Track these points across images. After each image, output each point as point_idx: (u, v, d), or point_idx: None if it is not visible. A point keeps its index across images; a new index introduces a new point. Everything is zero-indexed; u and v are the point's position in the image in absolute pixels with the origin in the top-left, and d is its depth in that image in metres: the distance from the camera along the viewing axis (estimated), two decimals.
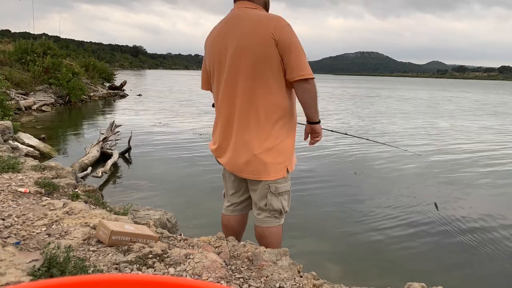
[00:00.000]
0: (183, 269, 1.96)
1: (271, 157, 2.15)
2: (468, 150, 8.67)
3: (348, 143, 8.92)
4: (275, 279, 2.00)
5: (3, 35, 46.55)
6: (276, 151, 2.16)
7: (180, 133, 9.48)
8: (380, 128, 11.85)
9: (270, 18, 2.05)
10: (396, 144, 8.00)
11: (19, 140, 6.20)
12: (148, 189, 4.89)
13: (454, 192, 5.60)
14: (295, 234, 3.96)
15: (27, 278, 1.62)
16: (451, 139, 10.23)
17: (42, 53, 15.61)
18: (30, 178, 3.10)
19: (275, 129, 2.15)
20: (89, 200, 2.93)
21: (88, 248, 2.04)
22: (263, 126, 2.13)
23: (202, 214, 4.43)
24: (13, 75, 13.00)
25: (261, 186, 2.22)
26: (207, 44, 2.26)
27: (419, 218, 4.54)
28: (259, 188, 2.23)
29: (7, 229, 2.13)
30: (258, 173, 2.17)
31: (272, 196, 2.22)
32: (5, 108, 8.03)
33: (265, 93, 2.08)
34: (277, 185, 2.21)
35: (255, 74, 2.05)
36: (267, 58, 2.02)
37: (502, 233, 4.22)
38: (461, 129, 12.18)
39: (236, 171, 2.27)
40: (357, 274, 3.23)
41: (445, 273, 3.32)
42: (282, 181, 2.23)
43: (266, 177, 2.18)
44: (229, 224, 2.50)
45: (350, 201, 5.06)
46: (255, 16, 2.05)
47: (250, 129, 2.14)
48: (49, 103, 12.91)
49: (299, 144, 2.85)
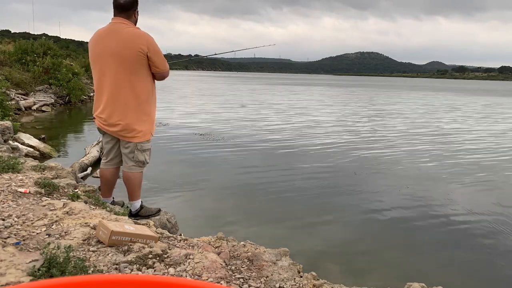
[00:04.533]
0: (183, 269, 1.96)
1: (139, 126, 3.11)
2: (470, 150, 8.68)
3: (348, 144, 8.92)
4: (275, 279, 2.00)
5: (3, 35, 46.54)
6: (141, 122, 3.12)
7: (180, 133, 9.47)
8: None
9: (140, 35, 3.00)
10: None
11: (19, 140, 6.20)
12: (148, 189, 4.89)
13: (454, 192, 5.61)
14: (295, 234, 3.96)
15: (27, 278, 1.61)
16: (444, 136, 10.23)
17: (42, 53, 15.60)
18: (30, 178, 3.10)
19: (142, 105, 3.10)
20: (89, 200, 2.93)
21: (88, 248, 2.04)
22: (135, 103, 3.05)
23: (202, 214, 4.43)
24: (13, 75, 12.99)
25: (132, 145, 3.18)
26: (90, 42, 3.14)
27: (419, 218, 4.54)
28: (131, 147, 3.19)
29: (7, 229, 2.12)
30: (133, 137, 3.13)
31: (138, 152, 3.20)
32: (5, 108, 8.03)
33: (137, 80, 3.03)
34: (143, 145, 3.20)
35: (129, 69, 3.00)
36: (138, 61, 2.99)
37: (502, 233, 4.22)
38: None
39: (115, 135, 3.17)
40: (357, 274, 3.23)
41: (445, 273, 3.32)
42: (145, 142, 3.22)
43: (134, 140, 3.15)
44: (104, 175, 3.40)
45: (350, 201, 5.05)
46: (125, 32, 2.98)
47: (126, 105, 3.04)
48: (49, 103, 12.90)
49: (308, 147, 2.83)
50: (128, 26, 3.01)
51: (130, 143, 3.17)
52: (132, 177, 3.28)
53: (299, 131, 10.59)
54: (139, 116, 3.10)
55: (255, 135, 9.68)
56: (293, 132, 10.37)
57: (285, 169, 6.50)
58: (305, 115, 14.43)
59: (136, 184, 3.33)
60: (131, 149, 3.18)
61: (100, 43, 3.04)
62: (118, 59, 2.96)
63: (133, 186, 3.32)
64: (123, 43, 2.95)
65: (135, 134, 3.12)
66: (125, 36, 2.96)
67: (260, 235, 3.83)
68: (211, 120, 12.03)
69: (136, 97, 3.05)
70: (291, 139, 9.27)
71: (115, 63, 2.98)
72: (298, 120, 12.84)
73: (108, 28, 3.05)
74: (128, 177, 3.28)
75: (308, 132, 10.50)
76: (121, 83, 3.01)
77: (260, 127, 11.09)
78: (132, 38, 2.95)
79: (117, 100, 3.04)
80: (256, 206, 4.77)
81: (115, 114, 3.07)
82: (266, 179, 5.84)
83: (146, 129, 3.17)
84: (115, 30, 3.00)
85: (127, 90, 3.02)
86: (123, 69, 2.98)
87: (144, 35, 3.00)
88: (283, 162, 6.99)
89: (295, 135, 9.82)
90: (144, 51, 2.95)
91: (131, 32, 2.99)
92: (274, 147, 8.26)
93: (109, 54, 2.98)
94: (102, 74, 3.06)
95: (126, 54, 2.94)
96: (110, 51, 2.97)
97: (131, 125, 3.08)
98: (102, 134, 3.32)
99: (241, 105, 17.60)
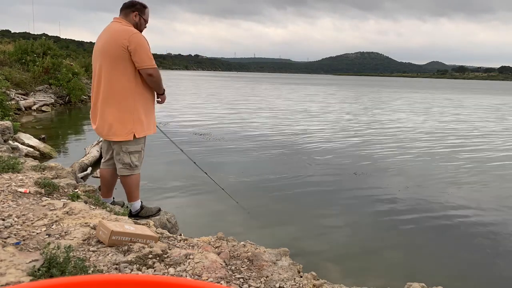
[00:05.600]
0: (183, 269, 1.96)
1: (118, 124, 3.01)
2: (474, 149, 8.67)
3: (348, 144, 8.92)
4: (275, 279, 2.00)
5: (3, 35, 46.51)
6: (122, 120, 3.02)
7: (179, 133, 9.47)
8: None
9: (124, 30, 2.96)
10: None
11: (19, 140, 6.20)
12: (148, 189, 4.89)
13: (455, 192, 5.61)
14: (295, 234, 3.96)
15: (27, 278, 1.61)
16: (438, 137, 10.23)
17: (42, 53, 15.59)
18: (30, 178, 3.10)
19: (123, 102, 3.00)
20: (89, 200, 2.93)
21: (88, 248, 2.04)
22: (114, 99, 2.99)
23: (202, 214, 4.43)
24: (13, 75, 12.98)
25: (117, 146, 3.11)
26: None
27: (419, 218, 4.54)
28: (116, 148, 3.13)
29: (7, 229, 2.12)
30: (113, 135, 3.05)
31: (123, 154, 3.11)
32: (5, 108, 8.03)
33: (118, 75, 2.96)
34: (128, 146, 3.09)
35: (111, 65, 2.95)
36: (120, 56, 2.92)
37: (502, 233, 4.22)
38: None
39: (97, 132, 3.17)
40: (357, 274, 3.23)
41: (445, 273, 3.32)
42: (131, 144, 3.10)
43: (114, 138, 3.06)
44: (103, 176, 3.38)
45: (350, 201, 5.05)
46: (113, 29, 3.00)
47: (106, 101, 3.01)
48: (49, 103, 12.90)
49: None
50: (122, 25, 3.02)
51: (115, 144, 3.12)
52: (123, 180, 3.24)
53: (300, 131, 10.59)
54: (118, 113, 2.99)
55: (255, 135, 9.68)
56: (293, 132, 10.37)
57: (285, 169, 6.50)
58: (305, 115, 14.44)
59: (132, 186, 3.27)
60: (116, 150, 3.14)
61: (96, 42, 3.12)
62: (104, 55, 2.98)
63: (129, 187, 3.27)
64: (109, 39, 2.97)
65: (114, 132, 3.03)
66: (112, 32, 2.98)
67: (260, 235, 3.83)
68: (211, 120, 12.03)
69: (115, 93, 2.98)
70: (292, 139, 9.27)
71: (101, 60, 3.00)
72: (301, 120, 12.84)
73: (106, 28, 3.12)
74: (123, 180, 3.25)
75: (308, 132, 10.50)
76: (103, 79, 3.01)
77: (260, 127, 11.09)
78: (117, 33, 2.95)
79: (98, 96, 3.05)
80: (256, 206, 4.77)
81: (97, 111, 3.07)
82: (266, 179, 5.84)
83: (127, 129, 3.02)
84: (109, 28, 3.06)
85: (107, 86, 2.99)
86: (106, 64, 2.97)
87: (128, 30, 2.96)
88: (283, 162, 6.99)
89: (295, 135, 9.82)
90: (125, 45, 2.89)
91: (118, 28, 2.99)
92: (274, 147, 8.26)
93: (99, 51, 3.03)
94: (95, 72, 3.10)
95: (110, 49, 2.94)
96: (100, 48, 3.03)
97: (111, 123, 3.01)
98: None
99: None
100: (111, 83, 2.98)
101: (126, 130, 3.03)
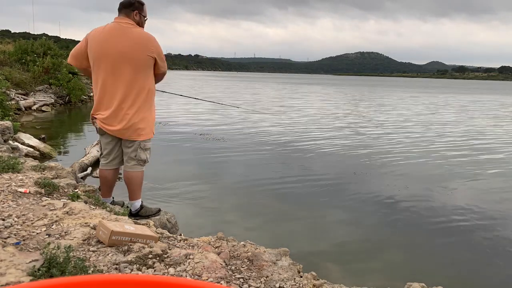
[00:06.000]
0: (183, 269, 1.96)
1: (143, 124, 3.17)
2: (467, 147, 8.67)
3: (348, 143, 8.93)
4: (275, 279, 2.00)
5: (3, 35, 46.53)
6: (145, 121, 3.19)
7: (179, 133, 9.48)
8: None
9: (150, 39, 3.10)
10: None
11: (19, 140, 6.20)
12: (148, 189, 4.89)
13: (455, 192, 5.61)
14: (295, 234, 3.96)
15: (27, 278, 1.61)
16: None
17: (42, 53, 15.59)
18: (30, 178, 3.10)
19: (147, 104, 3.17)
20: (89, 200, 2.93)
21: (88, 248, 2.04)
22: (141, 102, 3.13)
23: (202, 214, 4.43)
24: (13, 75, 12.98)
25: (136, 144, 3.22)
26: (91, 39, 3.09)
27: (419, 218, 4.54)
28: (134, 145, 3.22)
29: (7, 229, 2.12)
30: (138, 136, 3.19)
31: (141, 150, 3.25)
32: (5, 108, 8.02)
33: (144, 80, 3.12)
34: (145, 143, 3.27)
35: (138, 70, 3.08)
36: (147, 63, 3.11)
37: (502, 233, 4.22)
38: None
39: (118, 134, 3.19)
40: (357, 274, 3.23)
41: (445, 273, 3.32)
42: (148, 141, 3.28)
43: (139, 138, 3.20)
44: (104, 176, 3.41)
45: (350, 201, 5.05)
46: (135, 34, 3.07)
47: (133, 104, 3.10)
48: (49, 103, 12.90)
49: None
50: (135, 27, 3.10)
51: (133, 142, 3.21)
52: (134, 176, 3.32)
53: (299, 131, 10.59)
54: (143, 114, 3.17)
55: (255, 135, 9.68)
56: (292, 132, 10.37)
57: (285, 169, 6.50)
58: (304, 115, 14.44)
59: (138, 183, 3.37)
60: (134, 147, 3.22)
61: (108, 41, 3.04)
62: (129, 59, 3.03)
63: (134, 185, 3.35)
64: (135, 45, 3.03)
65: (140, 133, 3.18)
66: (137, 39, 3.05)
67: (260, 235, 3.84)
68: (211, 120, 12.03)
69: (140, 95, 3.13)
70: (291, 139, 9.27)
71: (125, 63, 3.03)
72: (299, 120, 12.84)
73: (113, 27, 3.07)
74: (130, 176, 3.32)
75: (308, 132, 10.50)
76: (123, 82, 3.06)
77: (260, 127, 11.09)
78: (143, 41, 3.07)
79: (124, 99, 3.09)
80: (256, 206, 4.77)
81: (121, 113, 3.10)
82: (266, 179, 5.84)
83: (149, 128, 3.25)
84: (123, 30, 3.05)
85: (131, 88, 3.08)
86: (129, 68, 3.04)
87: (154, 39, 3.13)
88: (283, 162, 6.99)
89: (295, 135, 9.82)
90: (153, 54, 3.09)
91: (141, 34, 3.09)
92: (274, 147, 8.26)
93: (119, 53, 3.02)
94: (108, 73, 3.07)
95: (137, 55, 3.04)
96: (120, 50, 3.01)
97: (137, 124, 3.14)
98: (101, 135, 3.29)
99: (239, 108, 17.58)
100: (136, 86, 3.10)
101: (149, 129, 3.26)
